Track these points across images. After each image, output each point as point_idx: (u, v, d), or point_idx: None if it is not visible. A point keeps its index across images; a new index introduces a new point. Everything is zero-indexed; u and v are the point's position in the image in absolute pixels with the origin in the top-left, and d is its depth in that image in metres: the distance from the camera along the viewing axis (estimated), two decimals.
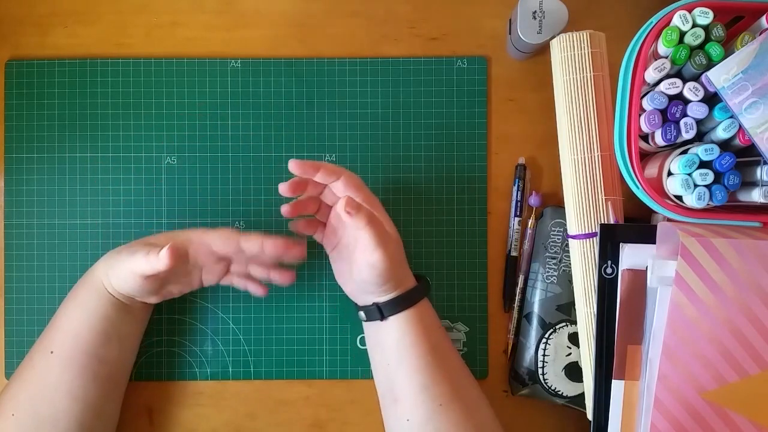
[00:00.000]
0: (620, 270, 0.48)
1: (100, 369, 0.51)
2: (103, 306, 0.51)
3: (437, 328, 0.52)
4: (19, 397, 0.50)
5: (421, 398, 0.49)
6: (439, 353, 0.51)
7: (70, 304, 0.52)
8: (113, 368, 0.52)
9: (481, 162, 0.59)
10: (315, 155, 0.59)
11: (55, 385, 0.49)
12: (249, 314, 0.58)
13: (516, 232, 0.58)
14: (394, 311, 0.51)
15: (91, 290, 0.51)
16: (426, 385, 0.50)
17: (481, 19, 0.59)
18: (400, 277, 0.51)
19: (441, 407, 0.49)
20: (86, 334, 0.50)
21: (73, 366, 0.50)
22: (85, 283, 0.52)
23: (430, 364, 0.50)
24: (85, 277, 0.52)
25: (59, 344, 0.50)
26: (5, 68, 0.58)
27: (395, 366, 0.51)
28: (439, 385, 0.50)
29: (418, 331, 0.51)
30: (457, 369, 0.52)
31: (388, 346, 0.51)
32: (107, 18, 0.59)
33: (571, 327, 0.55)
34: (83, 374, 0.50)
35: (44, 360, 0.50)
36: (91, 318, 0.50)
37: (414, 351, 0.50)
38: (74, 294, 0.52)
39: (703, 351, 0.44)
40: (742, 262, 0.44)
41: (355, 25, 0.59)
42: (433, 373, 0.50)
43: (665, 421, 0.45)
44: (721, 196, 0.46)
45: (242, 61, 0.59)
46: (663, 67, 0.46)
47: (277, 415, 0.59)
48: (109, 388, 0.52)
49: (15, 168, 0.58)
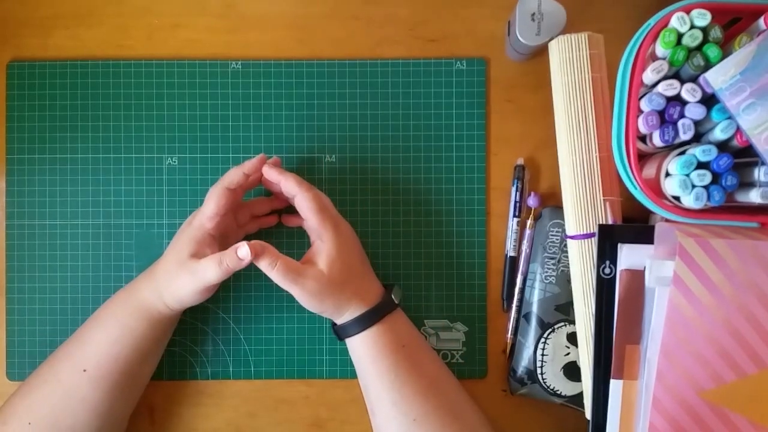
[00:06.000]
0: (618, 270, 0.48)
1: (132, 384, 0.52)
2: (150, 328, 0.51)
3: (406, 343, 0.52)
4: (39, 408, 0.49)
5: (393, 414, 0.50)
6: (411, 367, 0.51)
7: (108, 323, 0.51)
8: (142, 381, 0.54)
9: (480, 162, 0.59)
10: (315, 156, 0.59)
11: (81, 400, 0.49)
12: (249, 314, 0.58)
13: (515, 232, 0.58)
14: (350, 333, 0.52)
15: (136, 313, 0.51)
16: (395, 401, 0.50)
17: (480, 21, 0.59)
18: (354, 295, 0.51)
19: (415, 422, 0.49)
20: (127, 356, 0.50)
21: (105, 385, 0.50)
22: (128, 306, 0.51)
23: (396, 381, 0.50)
24: (125, 298, 0.52)
25: (95, 364, 0.50)
26: (7, 69, 0.59)
27: (367, 382, 0.52)
28: (412, 401, 0.50)
29: (379, 349, 0.51)
30: (433, 381, 0.52)
31: (358, 362, 0.52)
32: (109, 20, 0.59)
33: (570, 327, 0.55)
34: (114, 392, 0.50)
35: (75, 377, 0.50)
36: (136, 341, 0.50)
37: (377, 369, 0.50)
38: (112, 314, 0.51)
39: (702, 351, 0.45)
40: (739, 263, 0.44)
41: (354, 27, 0.60)
42: (402, 388, 0.50)
43: (663, 421, 0.45)
44: (718, 196, 0.46)
45: (243, 63, 0.59)
46: (661, 68, 0.46)
47: (277, 415, 0.59)
48: (134, 399, 0.54)
49: (16, 169, 0.59)
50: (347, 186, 0.59)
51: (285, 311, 0.58)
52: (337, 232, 0.51)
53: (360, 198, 0.59)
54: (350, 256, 0.52)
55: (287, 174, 0.52)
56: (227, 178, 0.51)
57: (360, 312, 0.51)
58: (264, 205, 0.57)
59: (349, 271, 0.51)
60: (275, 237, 0.59)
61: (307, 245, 0.56)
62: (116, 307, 0.52)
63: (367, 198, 0.59)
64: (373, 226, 0.59)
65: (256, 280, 0.58)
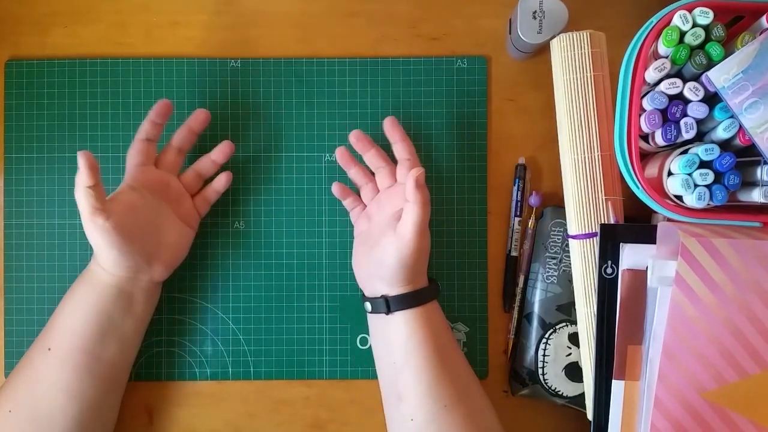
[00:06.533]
0: (620, 270, 0.48)
1: (99, 367, 0.51)
2: (101, 301, 0.50)
3: (445, 330, 0.52)
4: (16, 394, 0.50)
5: (426, 398, 0.49)
6: (445, 355, 0.51)
7: (68, 300, 0.52)
8: (112, 367, 0.52)
9: (481, 162, 0.59)
10: (315, 155, 0.59)
11: (52, 383, 0.49)
12: (249, 314, 0.58)
13: (516, 232, 0.58)
14: (401, 306, 0.51)
15: (87, 285, 0.51)
16: (431, 384, 0.49)
17: (481, 19, 0.59)
18: (416, 275, 0.51)
19: (445, 408, 0.49)
20: (83, 331, 0.50)
21: (70, 364, 0.50)
22: (82, 279, 0.52)
23: (436, 365, 0.50)
24: (82, 273, 0.52)
25: (56, 342, 0.50)
26: (5, 68, 0.58)
27: (402, 364, 0.50)
28: (445, 387, 0.50)
29: (426, 330, 0.50)
30: (462, 372, 0.52)
31: (395, 343, 0.51)
32: (107, 18, 0.59)
33: (571, 327, 0.55)
34: (80, 372, 0.50)
35: (42, 357, 0.50)
36: (88, 314, 0.50)
37: (421, 350, 0.50)
38: (71, 291, 0.52)
39: (704, 351, 0.44)
40: (742, 262, 0.44)
41: (355, 25, 0.59)
42: (440, 373, 0.50)
43: (665, 421, 0.45)
44: (721, 196, 0.46)
45: (242, 61, 0.59)
46: (663, 66, 0.46)
47: (276, 416, 0.58)
48: (107, 387, 0.52)
49: (15, 168, 0.58)
50: (348, 185, 0.58)
51: (285, 311, 0.58)
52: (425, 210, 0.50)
53: None
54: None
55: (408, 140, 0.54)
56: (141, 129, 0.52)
57: (419, 287, 0.51)
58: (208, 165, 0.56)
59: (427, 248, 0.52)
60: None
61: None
62: (75, 283, 0.52)
63: None
64: None
65: (255, 280, 0.58)
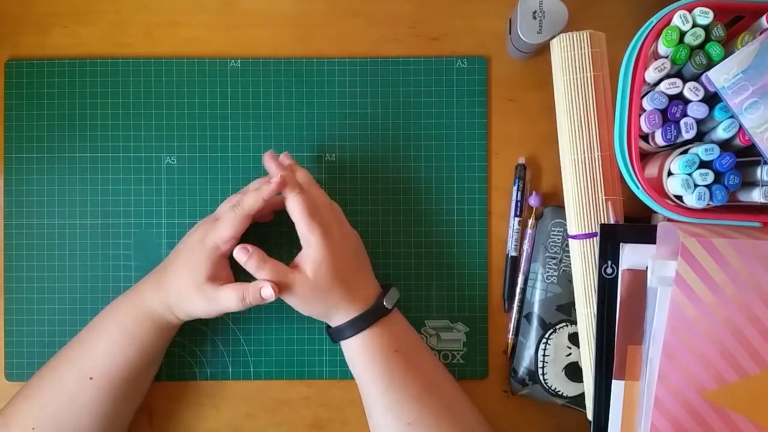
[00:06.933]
0: (620, 270, 0.48)
1: (135, 389, 0.52)
2: (158, 337, 0.51)
3: (400, 347, 0.51)
4: (42, 412, 0.49)
5: (388, 418, 0.50)
6: (400, 373, 0.50)
7: (114, 331, 0.51)
8: (146, 386, 0.54)
9: (481, 162, 0.59)
10: (315, 155, 0.59)
11: (84, 406, 0.49)
12: (249, 314, 0.58)
13: (516, 232, 0.58)
14: (341, 337, 0.51)
15: (146, 323, 0.51)
16: (388, 406, 0.50)
17: (481, 18, 0.59)
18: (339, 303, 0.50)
19: (410, 426, 0.49)
20: (134, 364, 0.50)
21: (111, 392, 0.50)
22: (135, 315, 0.51)
23: (390, 386, 0.50)
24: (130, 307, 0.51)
25: (101, 372, 0.50)
26: (5, 68, 0.58)
27: (359, 384, 0.52)
28: (404, 406, 0.50)
29: (371, 354, 0.50)
30: (429, 384, 0.51)
31: (350, 365, 0.52)
32: (107, 18, 0.59)
33: (571, 327, 0.55)
34: (119, 400, 0.51)
35: (80, 383, 0.49)
36: (144, 349, 0.51)
37: (370, 373, 0.50)
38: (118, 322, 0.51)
39: (704, 351, 0.44)
40: (742, 263, 0.44)
41: (355, 25, 0.59)
42: (395, 393, 0.50)
43: (665, 421, 0.45)
44: (721, 196, 0.46)
45: (242, 61, 0.59)
46: (663, 66, 0.46)
47: (276, 415, 0.58)
48: (136, 403, 0.54)
49: (15, 168, 0.58)
50: (347, 185, 0.58)
51: (284, 311, 0.58)
52: (326, 235, 0.49)
53: (360, 197, 0.59)
54: (340, 259, 0.50)
55: (279, 173, 0.49)
56: (247, 204, 0.49)
57: (351, 316, 0.51)
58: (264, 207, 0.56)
59: (338, 276, 0.49)
60: (267, 238, 0.58)
61: None
62: (121, 315, 0.51)
63: (367, 197, 0.59)
64: (373, 225, 0.58)
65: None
